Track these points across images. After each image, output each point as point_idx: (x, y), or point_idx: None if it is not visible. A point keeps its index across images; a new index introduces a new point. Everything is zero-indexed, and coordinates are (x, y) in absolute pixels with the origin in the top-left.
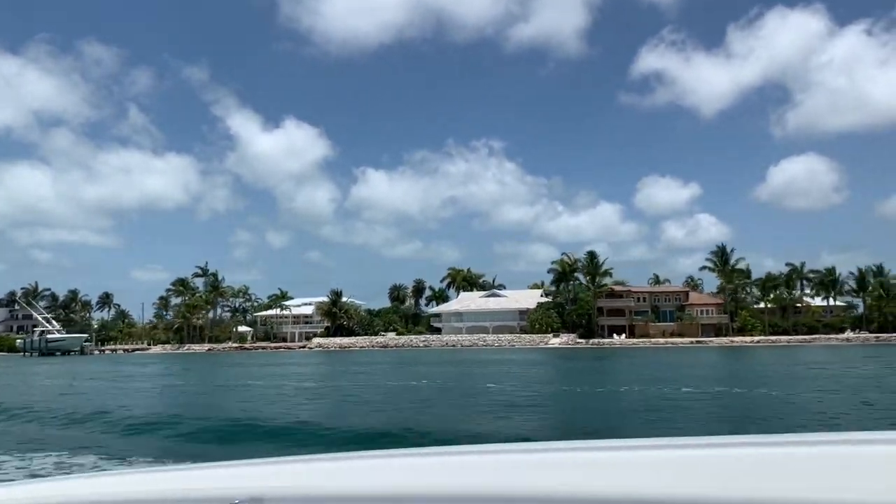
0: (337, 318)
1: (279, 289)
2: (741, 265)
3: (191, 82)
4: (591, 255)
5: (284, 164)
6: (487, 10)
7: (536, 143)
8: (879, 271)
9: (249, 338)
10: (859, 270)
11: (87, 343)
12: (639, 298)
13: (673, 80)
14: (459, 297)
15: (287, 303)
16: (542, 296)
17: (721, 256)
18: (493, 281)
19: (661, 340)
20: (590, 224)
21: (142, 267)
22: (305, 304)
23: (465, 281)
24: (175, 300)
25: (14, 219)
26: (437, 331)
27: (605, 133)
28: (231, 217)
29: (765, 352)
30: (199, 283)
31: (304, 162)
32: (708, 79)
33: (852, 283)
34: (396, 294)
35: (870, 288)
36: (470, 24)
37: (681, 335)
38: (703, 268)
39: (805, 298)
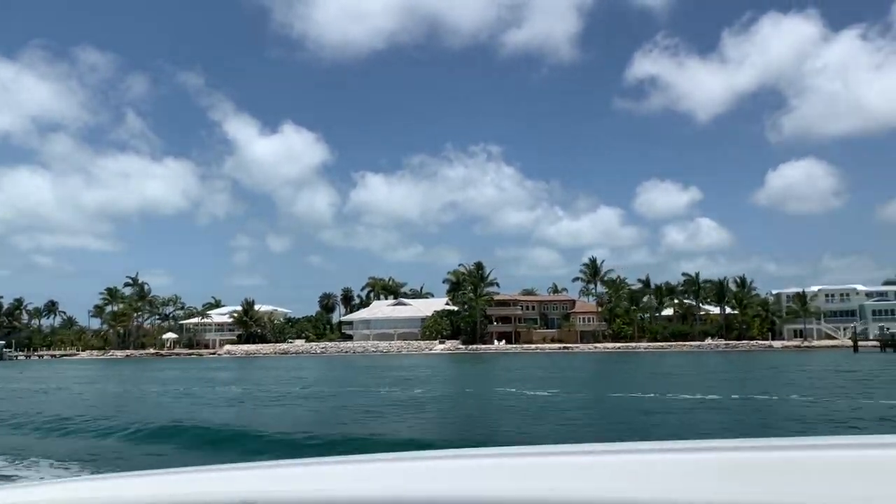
0: (248, 326)
1: (213, 297)
2: (629, 277)
3: (186, 88)
4: (478, 266)
5: (283, 169)
6: (479, 16)
7: (534, 148)
8: (742, 283)
9: (170, 344)
10: (720, 282)
11: (6, 349)
12: (528, 307)
13: (667, 85)
14: (371, 305)
15: (214, 311)
16: (446, 304)
17: (592, 268)
18: (421, 289)
19: (535, 346)
20: (591, 228)
21: (144, 272)
22: (231, 313)
23: (385, 289)
24: (112, 307)
25: (14, 224)
26: (350, 337)
27: (601, 138)
28: (231, 221)
29: (614, 356)
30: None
31: (302, 166)
32: (702, 84)
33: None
34: (326, 302)
35: (726, 298)
36: (463, 30)
37: (561, 341)
38: (576, 279)
39: (707, 307)
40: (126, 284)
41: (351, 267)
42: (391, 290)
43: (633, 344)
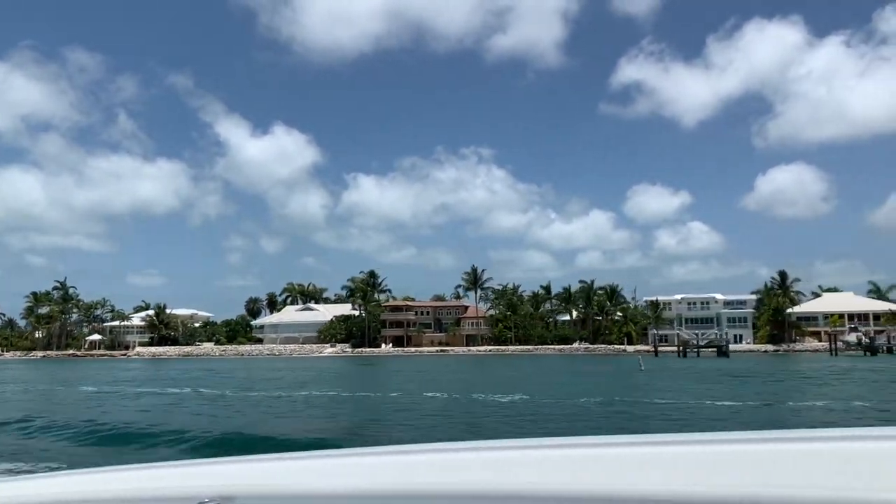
0: (159, 329)
1: (143, 301)
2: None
3: (176, 89)
4: (371, 275)
5: (274, 170)
6: (465, 22)
7: (525, 151)
8: (612, 292)
9: (94, 346)
10: (582, 288)
11: None
12: (422, 312)
13: (653, 90)
14: (282, 310)
15: (135, 314)
16: (352, 309)
17: (473, 276)
18: (344, 295)
19: (415, 349)
20: (583, 231)
21: (138, 272)
22: (144, 317)
23: (303, 294)
24: (39, 310)
25: (6, 223)
26: (261, 341)
27: (589, 142)
28: (224, 222)
29: (476, 358)
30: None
31: (293, 168)
32: (688, 89)
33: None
34: (252, 306)
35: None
36: (449, 35)
37: (448, 344)
38: (458, 286)
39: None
40: (55, 288)
41: (345, 268)
42: (310, 295)
43: (502, 347)
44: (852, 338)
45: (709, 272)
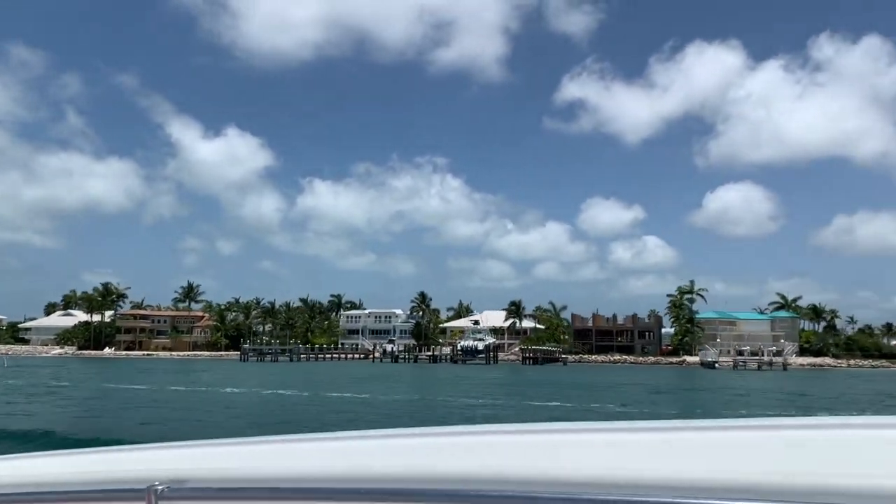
0: None
1: None
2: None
3: (122, 88)
4: (105, 286)
5: (227, 172)
6: (406, 33)
7: (478, 161)
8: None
9: None
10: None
11: None
12: (160, 320)
13: (596, 107)
14: (50, 315)
15: None
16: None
17: (188, 291)
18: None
19: (130, 353)
20: (540, 242)
21: (91, 270)
22: None
23: (82, 300)
24: None
25: None
26: (27, 342)
27: (537, 155)
28: (177, 223)
29: (172, 360)
30: None
31: (247, 170)
32: (631, 108)
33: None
34: (52, 310)
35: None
36: (390, 46)
37: (173, 349)
38: (175, 299)
39: None
40: None
41: (303, 273)
42: (89, 301)
43: (199, 353)
44: (389, 347)
45: (664, 286)
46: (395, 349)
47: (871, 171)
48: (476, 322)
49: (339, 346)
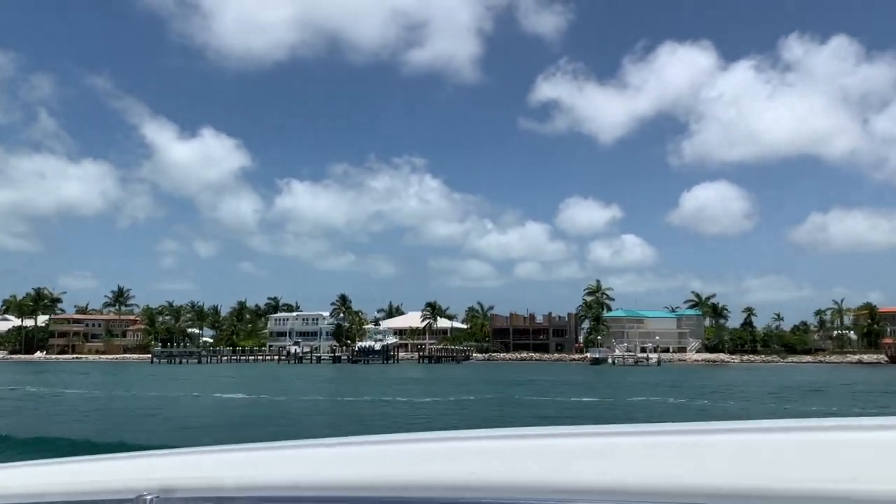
0: None
1: None
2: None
3: (95, 90)
4: (37, 291)
5: (203, 174)
6: (380, 35)
7: (456, 162)
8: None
9: None
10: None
11: None
12: (95, 324)
13: (571, 107)
14: None
15: None
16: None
17: (118, 294)
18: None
19: (59, 356)
20: (519, 242)
21: (69, 273)
22: None
23: (24, 306)
24: None
25: None
26: None
27: (513, 155)
28: (154, 225)
29: (96, 363)
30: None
31: (223, 171)
32: (605, 108)
33: None
34: None
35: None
36: (364, 48)
37: (105, 352)
38: (105, 304)
39: None
40: None
41: (282, 274)
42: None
43: (128, 356)
44: (293, 349)
45: (644, 284)
46: (298, 351)
47: (841, 170)
48: (386, 326)
49: (268, 348)
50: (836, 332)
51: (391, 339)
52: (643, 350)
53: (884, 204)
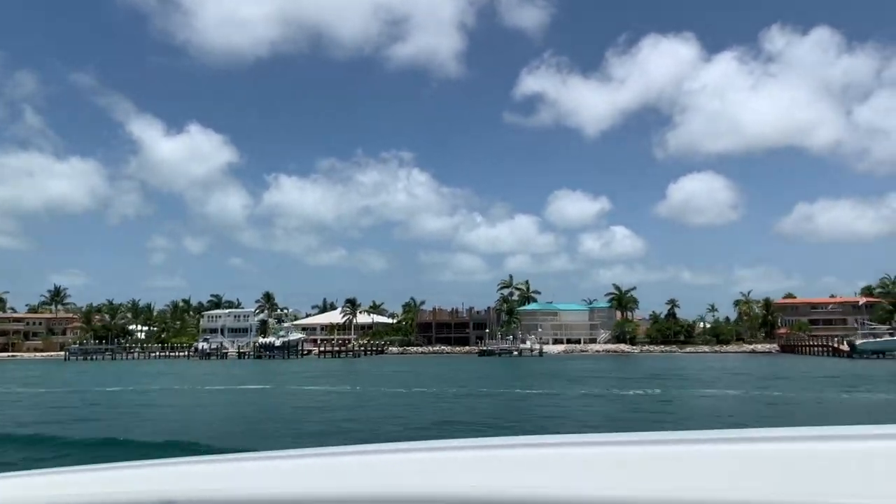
0: None
1: None
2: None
3: (80, 87)
4: None
5: (191, 170)
6: (363, 30)
7: (443, 156)
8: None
9: None
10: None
11: None
12: (35, 323)
13: (555, 101)
14: None
15: None
16: None
17: (55, 293)
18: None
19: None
20: (509, 235)
21: (60, 271)
22: None
23: None
24: None
25: None
26: None
27: (499, 149)
28: (143, 222)
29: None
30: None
31: (210, 167)
32: (589, 100)
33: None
34: None
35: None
36: (346, 43)
37: (42, 350)
38: (40, 303)
39: None
40: None
41: (273, 269)
42: None
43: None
44: (201, 346)
45: (634, 276)
46: (206, 347)
47: (826, 160)
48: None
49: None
50: (740, 323)
51: (295, 336)
52: (557, 342)
53: (870, 193)
